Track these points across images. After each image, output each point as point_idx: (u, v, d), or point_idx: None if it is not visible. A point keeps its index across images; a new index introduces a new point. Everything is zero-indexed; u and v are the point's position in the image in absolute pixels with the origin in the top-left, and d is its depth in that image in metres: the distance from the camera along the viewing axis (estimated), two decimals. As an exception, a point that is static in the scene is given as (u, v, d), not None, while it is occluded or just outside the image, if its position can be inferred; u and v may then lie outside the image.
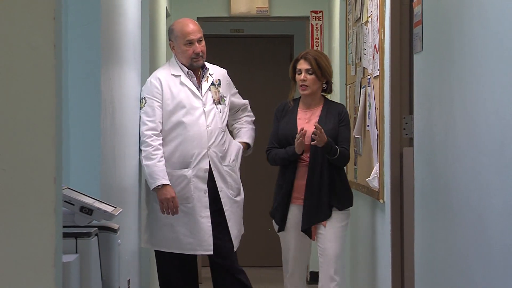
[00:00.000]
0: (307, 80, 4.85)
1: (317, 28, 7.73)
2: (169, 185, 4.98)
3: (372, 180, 4.88)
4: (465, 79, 2.94)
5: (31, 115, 2.19)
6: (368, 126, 5.09)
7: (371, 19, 5.03)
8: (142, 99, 5.11)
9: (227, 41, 8.82)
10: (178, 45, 5.14)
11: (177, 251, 5.07)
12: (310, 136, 4.72)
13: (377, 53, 4.84)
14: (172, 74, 5.14)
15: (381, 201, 4.76)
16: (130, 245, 4.72)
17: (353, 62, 5.83)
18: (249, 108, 5.40)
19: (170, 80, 5.11)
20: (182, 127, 5.05)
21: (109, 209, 3.24)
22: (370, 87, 5.05)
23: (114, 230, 3.29)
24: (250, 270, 8.35)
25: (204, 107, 5.08)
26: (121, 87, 4.36)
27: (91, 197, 3.31)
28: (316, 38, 7.71)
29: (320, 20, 7.72)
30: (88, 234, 3.01)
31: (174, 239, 5.05)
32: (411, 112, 4.39)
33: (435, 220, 3.41)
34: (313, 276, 5.19)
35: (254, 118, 5.42)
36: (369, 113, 5.06)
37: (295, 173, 4.82)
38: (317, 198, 4.75)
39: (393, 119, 4.54)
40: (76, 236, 2.98)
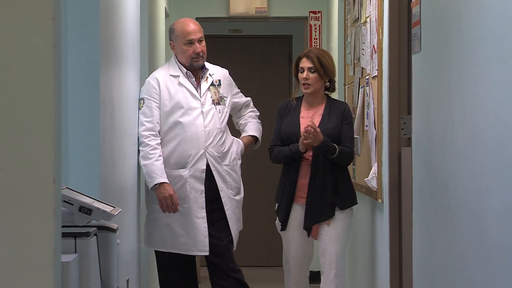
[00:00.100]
0: (310, 78, 4.82)
1: (315, 28, 7.73)
2: (167, 183, 4.97)
3: (370, 180, 4.88)
4: (463, 79, 2.95)
5: (30, 115, 2.19)
6: (366, 126, 5.09)
7: (370, 19, 5.04)
8: (141, 100, 5.11)
9: (226, 41, 8.83)
10: (178, 44, 5.13)
11: (174, 251, 5.07)
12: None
13: (375, 53, 4.84)
14: (170, 75, 5.12)
15: (379, 201, 4.76)
16: (129, 244, 4.72)
17: (351, 62, 5.84)
18: (252, 104, 5.38)
19: (168, 80, 5.10)
20: (179, 128, 5.04)
21: (108, 209, 3.24)
22: (368, 87, 5.06)
23: (113, 230, 3.29)
24: (250, 270, 8.37)
25: (202, 108, 5.06)
26: (120, 87, 4.36)
27: (90, 197, 3.31)
28: (314, 38, 7.71)
29: (318, 20, 7.73)
30: (87, 234, 3.02)
31: (172, 239, 5.04)
32: (409, 112, 4.39)
33: (434, 220, 3.41)
34: (312, 275, 5.17)
35: (258, 113, 5.40)
36: (367, 113, 5.07)
37: (298, 172, 4.78)
38: (320, 197, 4.72)
39: (391, 119, 4.54)
40: (75, 236, 2.99)
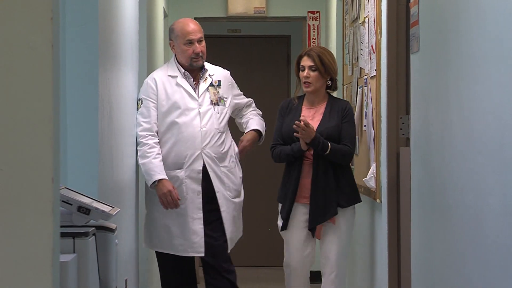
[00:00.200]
0: (310, 77, 4.79)
1: (314, 28, 7.73)
2: (165, 179, 4.94)
3: (369, 180, 4.88)
4: (461, 79, 2.95)
5: (29, 115, 2.19)
6: (365, 126, 5.09)
7: (368, 20, 5.04)
8: (139, 100, 5.11)
9: (225, 41, 8.83)
10: (178, 44, 5.11)
11: (171, 252, 5.06)
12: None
13: (373, 53, 4.84)
14: (169, 75, 5.11)
15: (377, 200, 4.76)
16: (128, 244, 4.72)
17: (350, 62, 5.84)
18: (254, 105, 5.35)
19: (166, 80, 5.09)
20: (176, 128, 5.02)
21: (106, 209, 3.25)
22: (367, 87, 5.06)
23: (112, 230, 3.30)
24: (250, 270, 8.39)
25: (199, 108, 5.04)
26: (118, 87, 4.36)
27: (89, 197, 3.32)
28: (313, 39, 7.72)
29: (317, 20, 7.73)
30: (85, 234, 3.02)
31: (169, 240, 5.02)
32: (408, 112, 4.40)
33: (432, 220, 3.41)
34: (312, 275, 5.16)
35: (260, 113, 5.37)
36: (365, 113, 5.07)
37: (300, 171, 4.75)
38: (323, 197, 4.69)
39: (389, 119, 4.54)
40: (73, 235, 2.99)
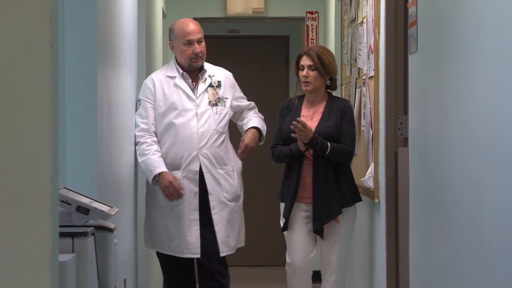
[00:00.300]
0: (309, 76, 4.77)
1: (312, 28, 7.74)
2: (165, 171, 4.92)
3: (367, 179, 4.89)
4: (459, 79, 2.96)
5: (28, 115, 2.19)
6: (363, 126, 5.10)
7: (366, 20, 5.05)
8: (138, 101, 5.10)
9: (223, 41, 8.83)
10: (177, 45, 5.09)
11: (169, 253, 5.04)
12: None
13: (372, 53, 4.85)
14: (167, 76, 5.09)
15: (376, 200, 4.77)
16: (127, 244, 4.73)
17: (348, 62, 5.85)
18: (256, 109, 5.31)
19: (164, 81, 5.08)
20: (173, 129, 5.00)
21: (105, 208, 3.25)
22: (365, 88, 5.07)
23: (111, 230, 3.30)
24: (250, 269, 8.39)
25: (197, 109, 5.01)
26: (117, 87, 4.37)
27: (88, 196, 3.32)
28: (311, 39, 7.72)
29: (315, 20, 7.74)
30: (84, 234, 3.02)
31: (167, 241, 5.01)
32: (406, 112, 4.40)
33: (430, 219, 3.42)
34: (313, 275, 5.14)
35: (262, 116, 5.33)
36: (364, 113, 5.08)
37: (301, 171, 4.73)
38: (325, 197, 4.67)
39: (388, 119, 4.55)
40: (72, 235, 2.99)
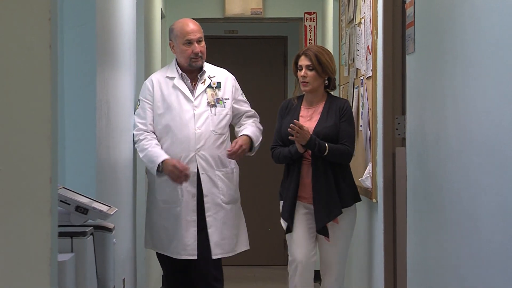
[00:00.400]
0: (308, 76, 4.75)
1: (310, 29, 7.75)
2: (167, 158, 4.89)
3: (365, 179, 4.90)
4: (457, 80, 2.97)
5: (27, 116, 2.20)
6: (361, 126, 5.10)
7: (364, 20, 5.05)
8: (138, 101, 5.10)
9: (222, 42, 8.84)
10: (177, 44, 5.07)
11: (167, 254, 5.03)
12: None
13: (370, 54, 4.86)
14: (167, 76, 5.08)
15: (374, 200, 4.78)
16: (125, 244, 4.73)
17: (346, 63, 5.85)
18: (256, 119, 5.19)
19: (163, 82, 5.06)
20: (171, 130, 4.98)
21: (104, 208, 3.26)
22: (363, 88, 5.08)
23: (109, 230, 3.31)
24: (249, 269, 8.39)
25: (194, 110, 4.99)
26: (116, 88, 4.38)
27: (87, 196, 3.33)
28: (309, 39, 7.73)
29: (313, 21, 7.74)
30: (83, 234, 3.03)
31: (166, 242, 5.00)
32: (404, 112, 4.41)
33: (427, 219, 3.43)
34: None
35: (261, 127, 5.19)
36: (362, 113, 5.08)
37: (300, 171, 4.72)
38: (325, 197, 4.65)
39: (385, 119, 4.56)
40: (71, 235, 3.00)
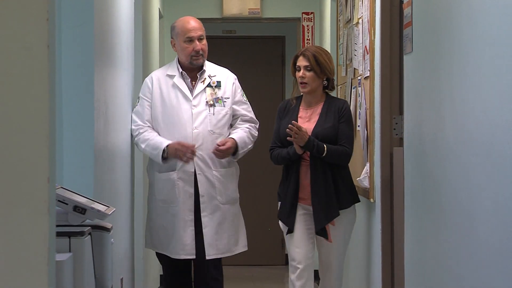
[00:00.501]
0: (306, 77, 4.72)
1: (308, 29, 7.76)
2: (170, 143, 4.87)
3: (362, 179, 4.90)
4: (454, 80, 2.98)
5: (25, 115, 2.20)
6: (358, 126, 5.11)
7: (362, 21, 5.06)
8: (138, 98, 5.09)
9: (220, 42, 8.84)
10: (178, 42, 5.05)
11: (166, 253, 5.01)
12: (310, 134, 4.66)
13: (367, 54, 4.86)
14: (167, 74, 5.05)
15: (371, 200, 4.78)
16: (123, 244, 4.73)
17: (344, 63, 5.86)
18: (254, 125, 5.12)
19: (163, 80, 5.04)
20: (168, 129, 4.95)
21: (102, 208, 3.26)
22: (360, 88, 5.08)
23: (107, 229, 3.31)
24: (246, 268, 8.40)
25: (193, 109, 4.96)
26: (114, 88, 4.38)
27: (85, 196, 3.33)
28: (307, 39, 7.74)
29: (311, 21, 7.75)
30: (81, 233, 3.03)
31: (165, 241, 4.99)
32: (401, 112, 4.42)
33: (425, 219, 3.43)
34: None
35: (254, 135, 5.11)
36: (359, 113, 5.09)
37: (299, 172, 4.69)
38: (324, 199, 4.63)
39: (383, 119, 4.56)
40: (69, 235, 3.00)
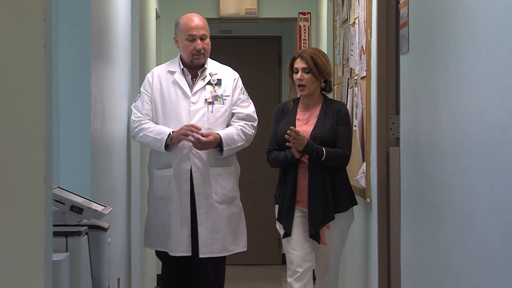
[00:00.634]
0: (304, 79, 4.69)
1: (305, 29, 7.76)
2: (173, 130, 4.86)
3: (359, 179, 4.91)
4: (450, 80, 2.98)
5: (22, 115, 2.20)
6: (355, 126, 5.12)
7: (358, 21, 5.07)
8: (138, 93, 5.08)
9: (216, 42, 8.75)
10: (181, 39, 5.03)
11: (165, 250, 5.02)
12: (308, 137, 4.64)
13: (364, 54, 4.87)
14: (168, 70, 5.03)
15: (368, 200, 4.79)
16: (120, 243, 4.74)
17: (340, 63, 5.87)
18: (251, 124, 5.08)
19: (164, 76, 5.02)
20: (167, 125, 4.93)
21: (99, 208, 3.27)
22: (357, 88, 5.09)
23: (104, 229, 3.31)
24: (244, 268, 8.40)
25: (191, 106, 4.94)
26: (111, 88, 4.38)
27: (82, 196, 3.34)
28: (304, 39, 7.74)
29: (308, 21, 7.76)
30: (78, 233, 3.04)
31: (163, 239, 4.98)
32: (398, 112, 4.42)
33: (421, 218, 3.44)
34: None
35: (248, 133, 5.05)
36: (356, 113, 5.10)
37: (296, 175, 4.66)
38: (321, 202, 4.60)
39: (379, 119, 4.57)
40: (66, 234, 3.01)
